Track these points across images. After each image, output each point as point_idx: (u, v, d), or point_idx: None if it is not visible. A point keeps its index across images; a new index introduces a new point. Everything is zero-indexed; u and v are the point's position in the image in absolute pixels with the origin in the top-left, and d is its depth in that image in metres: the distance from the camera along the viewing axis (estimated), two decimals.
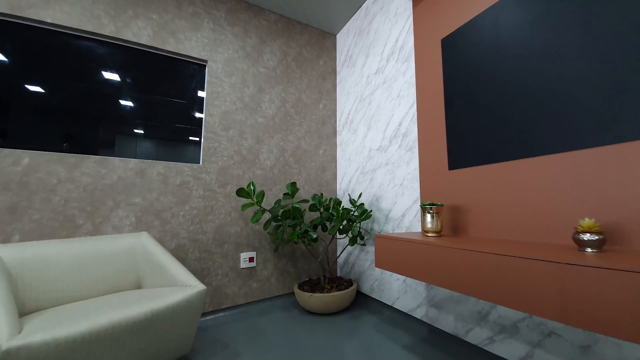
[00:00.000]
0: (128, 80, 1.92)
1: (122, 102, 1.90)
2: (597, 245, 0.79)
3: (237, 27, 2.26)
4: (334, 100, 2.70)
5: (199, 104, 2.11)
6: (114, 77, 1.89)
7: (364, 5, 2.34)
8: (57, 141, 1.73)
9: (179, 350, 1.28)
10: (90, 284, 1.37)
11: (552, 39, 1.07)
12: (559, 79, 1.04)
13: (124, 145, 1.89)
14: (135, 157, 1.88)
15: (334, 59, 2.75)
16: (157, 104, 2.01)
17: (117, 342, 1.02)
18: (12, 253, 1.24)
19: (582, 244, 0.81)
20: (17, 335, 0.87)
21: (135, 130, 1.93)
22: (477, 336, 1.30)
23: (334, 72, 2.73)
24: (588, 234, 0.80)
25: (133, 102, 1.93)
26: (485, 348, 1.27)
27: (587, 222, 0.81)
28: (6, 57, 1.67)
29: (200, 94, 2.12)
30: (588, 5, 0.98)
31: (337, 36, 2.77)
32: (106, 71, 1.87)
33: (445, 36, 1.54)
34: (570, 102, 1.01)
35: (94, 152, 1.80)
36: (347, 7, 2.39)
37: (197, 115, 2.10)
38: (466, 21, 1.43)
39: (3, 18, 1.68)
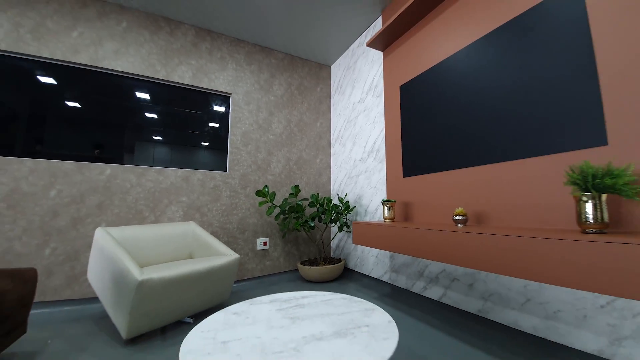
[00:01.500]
0: (175, 108, 2.60)
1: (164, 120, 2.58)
2: (462, 222, 1.46)
3: (253, 66, 2.94)
4: (328, 119, 3.37)
5: (224, 123, 2.78)
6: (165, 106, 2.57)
7: (351, 47, 3.01)
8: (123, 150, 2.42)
9: (222, 296, 1.96)
10: (161, 254, 2.05)
11: (464, 99, 1.74)
12: (461, 127, 1.71)
13: (181, 152, 2.57)
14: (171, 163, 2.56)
15: (328, 86, 3.42)
16: (198, 125, 2.69)
17: (192, 284, 1.69)
18: (117, 233, 1.91)
19: (455, 222, 1.48)
20: (142, 274, 1.54)
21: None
22: (418, 287, 1.97)
23: (328, 96, 3.40)
24: (458, 216, 1.46)
25: (177, 123, 2.61)
26: (422, 294, 1.93)
27: (459, 209, 1.48)
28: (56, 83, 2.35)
29: (216, 108, 2.79)
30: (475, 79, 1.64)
31: (332, 67, 3.44)
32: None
33: (402, 84, 2.21)
34: (466, 141, 1.67)
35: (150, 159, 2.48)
36: (338, 46, 3.05)
37: (219, 130, 2.77)
38: (417, 75, 2.10)
39: (86, 67, 2.37)
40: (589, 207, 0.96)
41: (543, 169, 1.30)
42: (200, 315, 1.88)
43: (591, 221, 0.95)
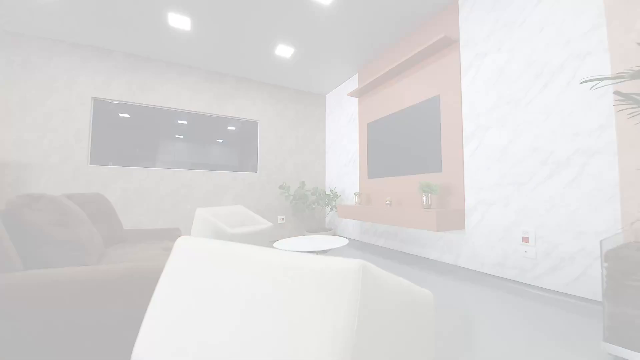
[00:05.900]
0: (218, 138, 4.05)
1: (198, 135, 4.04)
2: (389, 204, 2.98)
3: (273, 100, 4.35)
4: (324, 134, 4.83)
5: (254, 136, 4.23)
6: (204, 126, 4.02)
7: (340, 86, 4.42)
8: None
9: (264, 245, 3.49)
10: (229, 222, 3.56)
11: (397, 138, 3.21)
12: (392, 154, 3.19)
13: (218, 154, 4.04)
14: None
15: (324, 111, 4.85)
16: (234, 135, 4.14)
17: (251, 236, 3.22)
18: (207, 210, 3.41)
19: (386, 204, 3.00)
20: (231, 229, 3.05)
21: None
22: (373, 240, 3.53)
23: (324, 118, 4.84)
24: (387, 201, 2.99)
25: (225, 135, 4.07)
26: (375, 244, 3.50)
27: (387, 198, 3.00)
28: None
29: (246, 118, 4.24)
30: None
31: (326, 96, 4.85)
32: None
33: (369, 122, 3.66)
34: (394, 162, 3.17)
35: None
36: (331, 83, 4.45)
37: (246, 129, 4.23)
38: (377, 119, 3.54)
39: (172, 109, 3.78)
40: (425, 199, 2.47)
41: (417, 181, 2.81)
42: None
43: (424, 204, 2.47)
